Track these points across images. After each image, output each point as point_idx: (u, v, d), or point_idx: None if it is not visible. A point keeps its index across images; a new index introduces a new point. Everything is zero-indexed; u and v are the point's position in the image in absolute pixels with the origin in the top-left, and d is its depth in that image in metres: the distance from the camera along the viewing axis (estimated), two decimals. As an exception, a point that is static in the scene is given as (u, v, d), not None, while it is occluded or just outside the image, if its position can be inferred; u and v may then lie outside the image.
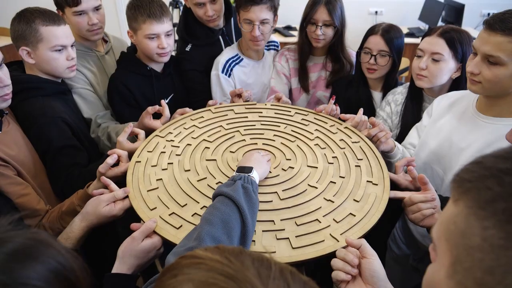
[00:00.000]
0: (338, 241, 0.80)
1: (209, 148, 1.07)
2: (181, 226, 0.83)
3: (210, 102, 1.33)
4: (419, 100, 1.34)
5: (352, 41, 1.58)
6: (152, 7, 1.30)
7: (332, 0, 1.42)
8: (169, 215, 0.86)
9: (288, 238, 0.80)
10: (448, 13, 3.51)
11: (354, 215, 0.87)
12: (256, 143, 1.10)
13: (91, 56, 1.49)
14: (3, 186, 0.97)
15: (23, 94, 1.16)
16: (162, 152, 1.05)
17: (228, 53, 1.57)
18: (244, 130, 1.16)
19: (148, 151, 1.05)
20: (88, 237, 0.93)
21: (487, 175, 0.36)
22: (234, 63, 1.56)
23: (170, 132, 1.14)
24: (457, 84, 1.26)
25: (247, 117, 1.23)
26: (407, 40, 2.37)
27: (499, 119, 0.98)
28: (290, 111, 1.27)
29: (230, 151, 1.06)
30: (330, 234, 0.82)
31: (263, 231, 0.82)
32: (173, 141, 1.10)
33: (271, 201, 0.90)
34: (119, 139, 1.10)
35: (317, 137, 1.14)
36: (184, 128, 1.16)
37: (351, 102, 1.47)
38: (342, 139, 1.13)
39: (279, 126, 1.19)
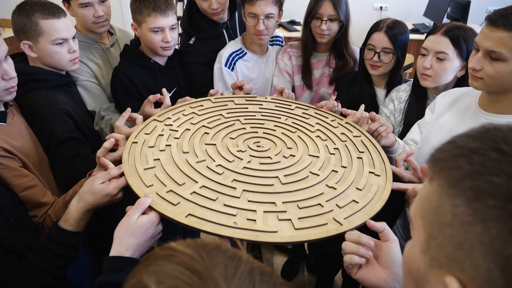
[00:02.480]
0: (341, 225, 0.79)
1: (208, 133, 1.07)
2: (179, 203, 0.81)
3: (211, 91, 1.32)
4: (423, 98, 1.33)
5: (356, 37, 1.58)
6: (157, 0, 1.30)
7: None
8: (167, 192, 0.83)
9: (290, 219, 0.79)
10: (454, 10, 3.48)
11: (357, 202, 0.86)
12: (257, 132, 1.10)
13: (96, 48, 1.49)
14: (9, 179, 0.97)
15: (27, 86, 1.17)
16: (160, 134, 1.04)
17: (231, 46, 1.57)
18: (244, 119, 1.16)
19: (145, 133, 1.04)
20: (92, 229, 0.93)
21: (459, 154, 0.37)
22: (237, 57, 1.56)
23: (168, 117, 1.13)
24: (462, 82, 1.25)
25: (247, 108, 1.23)
26: (412, 36, 2.35)
27: (501, 116, 0.98)
28: (290, 105, 1.27)
29: (230, 138, 1.06)
30: (334, 218, 0.80)
31: (264, 211, 0.80)
32: (172, 125, 1.09)
33: (272, 184, 0.89)
34: (116, 124, 1.09)
35: (318, 129, 1.14)
36: (183, 114, 1.15)
37: (355, 99, 1.47)
38: (343, 133, 1.12)
39: (280, 118, 1.19)
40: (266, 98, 1.30)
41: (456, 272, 0.36)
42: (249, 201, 0.83)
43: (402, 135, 1.33)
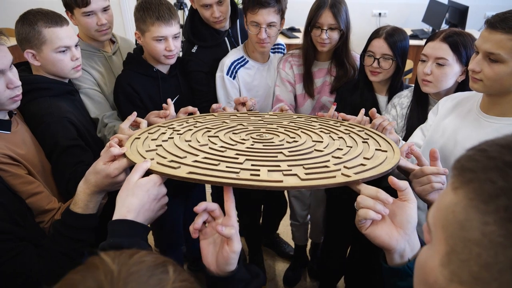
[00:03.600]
0: (350, 176, 0.75)
1: (210, 131, 1.07)
2: (180, 167, 0.78)
3: (214, 106, 1.32)
4: (424, 104, 1.34)
5: (355, 43, 1.59)
6: (161, 10, 1.32)
7: (337, 4, 1.42)
8: (168, 161, 0.82)
9: (296, 174, 0.76)
10: (452, 15, 3.52)
11: (365, 165, 0.83)
12: (259, 129, 1.11)
13: (98, 56, 1.51)
14: (15, 186, 0.98)
15: (30, 95, 1.18)
16: (163, 133, 1.04)
17: (233, 55, 1.58)
18: (247, 123, 1.17)
19: (149, 133, 1.04)
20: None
21: (492, 167, 0.34)
22: (239, 65, 1.57)
23: (172, 124, 1.14)
24: (463, 87, 1.27)
25: (249, 118, 1.25)
26: (411, 42, 2.37)
27: (502, 118, 0.99)
28: (292, 116, 1.28)
29: (233, 133, 1.06)
30: (342, 173, 0.77)
31: (268, 170, 0.78)
32: (175, 127, 1.09)
33: (276, 156, 0.87)
34: (121, 126, 1.09)
35: (321, 127, 1.14)
36: (186, 122, 1.16)
37: (357, 106, 1.47)
38: (346, 129, 1.12)
39: (282, 122, 1.19)
40: (268, 112, 1.31)
41: None
42: (252, 165, 0.81)
43: (404, 141, 1.33)
